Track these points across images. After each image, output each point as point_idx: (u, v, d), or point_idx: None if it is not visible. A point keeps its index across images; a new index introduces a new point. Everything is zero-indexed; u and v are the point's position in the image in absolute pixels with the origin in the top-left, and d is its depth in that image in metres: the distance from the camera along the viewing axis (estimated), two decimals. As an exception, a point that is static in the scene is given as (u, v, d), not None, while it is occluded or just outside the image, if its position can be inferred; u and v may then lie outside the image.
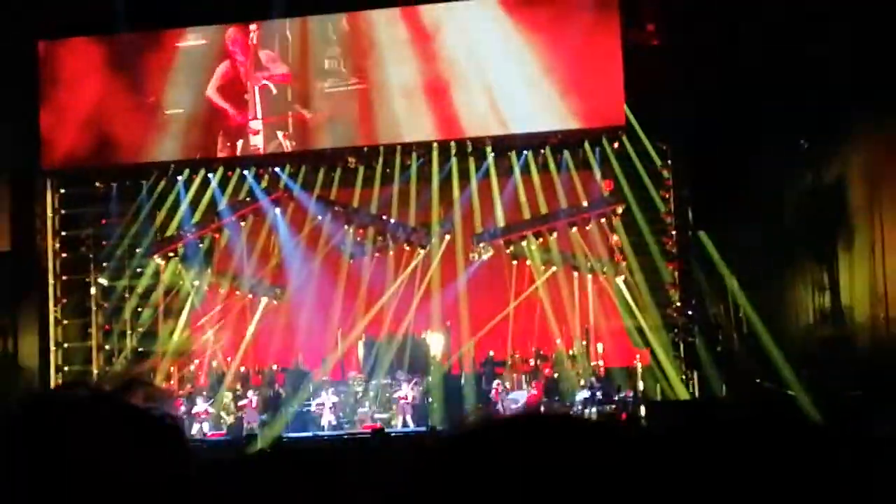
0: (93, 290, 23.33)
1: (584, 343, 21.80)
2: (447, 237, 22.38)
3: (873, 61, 17.33)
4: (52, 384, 21.57)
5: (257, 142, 22.39)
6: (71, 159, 22.65)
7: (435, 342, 22.22)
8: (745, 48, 18.95)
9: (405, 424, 20.90)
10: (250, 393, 21.67)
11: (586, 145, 21.84)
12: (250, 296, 22.88)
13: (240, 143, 22.46)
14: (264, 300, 22.87)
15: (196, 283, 22.95)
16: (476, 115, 21.62)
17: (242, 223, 22.92)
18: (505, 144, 22.17)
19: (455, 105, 21.63)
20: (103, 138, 22.46)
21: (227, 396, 21.96)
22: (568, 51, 21.20)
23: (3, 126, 21.47)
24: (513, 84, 21.41)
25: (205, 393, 21.90)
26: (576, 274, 22.07)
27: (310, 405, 21.59)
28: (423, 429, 20.15)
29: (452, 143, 22.21)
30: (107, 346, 23.13)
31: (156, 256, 22.92)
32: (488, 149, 22.21)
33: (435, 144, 22.20)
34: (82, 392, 1.31)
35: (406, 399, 21.22)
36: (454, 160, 22.34)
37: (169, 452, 1.30)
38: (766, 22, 18.72)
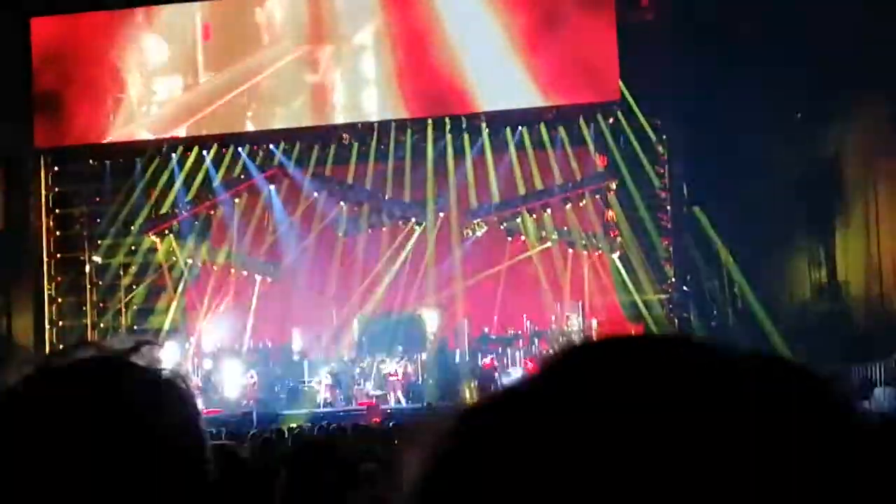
0: (87, 268, 23.31)
1: (579, 318, 21.81)
2: (441, 214, 22.38)
3: (871, 36, 17.29)
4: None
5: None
6: (64, 137, 22.59)
7: (430, 319, 22.22)
8: (741, 22, 18.88)
9: (398, 401, 20.93)
10: (247, 371, 21.67)
11: (581, 121, 21.81)
12: (245, 273, 22.87)
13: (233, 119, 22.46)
14: (259, 277, 22.88)
15: (190, 260, 22.93)
16: (472, 91, 21.59)
17: (237, 200, 22.89)
18: (500, 120, 22.14)
19: (449, 81, 21.58)
20: (97, 115, 22.41)
21: (222, 373, 21.95)
22: (563, 26, 21.14)
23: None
24: (507, 60, 21.36)
25: (199, 370, 21.90)
26: (570, 250, 22.07)
27: (305, 382, 21.60)
28: (419, 405, 20.15)
29: (447, 120, 22.18)
30: (101, 324, 23.13)
31: (150, 234, 22.88)
32: (483, 125, 22.18)
33: (430, 121, 22.17)
34: (89, 353, 1.31)
35: (397, 376, 21.23)
36: (449, 136, 22.31)
37: (180, 412, 1.30)
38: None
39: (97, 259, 23.32)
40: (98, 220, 23.36)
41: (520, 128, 22.11)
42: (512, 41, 21.36)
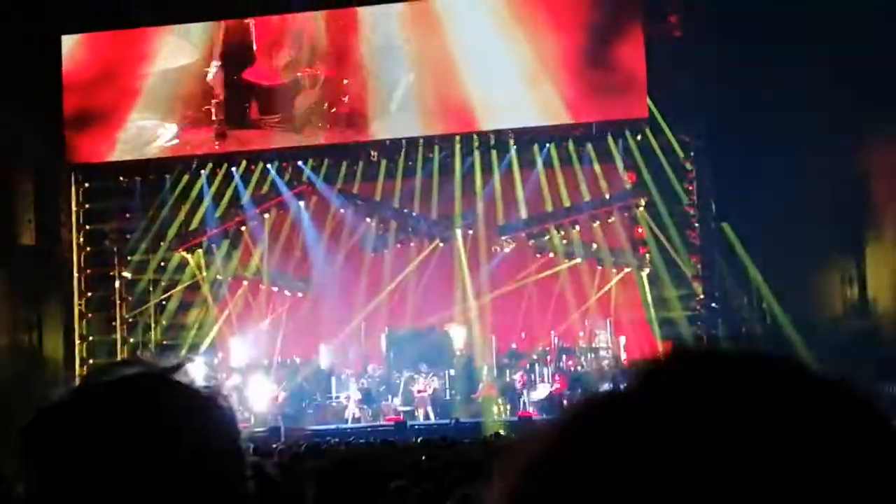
0: (117, 284, 23.44)
1: (607, 335, 21.75)
2: (470, 231, 22.39)
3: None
4: (77, 377, 21.68)
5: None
6: (95, 153, 22.75)
7: (457, 335, 22.21)
8: (769, 38, 18.82)
9: (426, 417, 20.91)
10: (275, 387, 21.71)
11: (609, 138, 21.79)
12: (274, 289, 22.94)
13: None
14: (287, 293, 22.94)
15: (219, 276, 23.02)
16: (500, 108, 21.59)
17: (266, 216, 22.98)
18: (528, 137, 22.14)
19: (476, 98, 21.59)
20: (127, 132, 22.55)
21: (250, 389, 21.98)
22: (590, 43, 21.15)
23: (28, 121, 21.55)
24: (536, 77, 21.37)
25: (229, 385, 21.94)
26: (599, 267, 22.03)
27: (333, 398, 21.64)
28: (446, 421, 20.14)
29: (475, 136, 22.20)
30: (131, 340, 23.24)
31: (180, 250, 23.00)
32: (511, 141, 22.19)
33: (457, 137, 22.20)
34: (133, 369, 1.33)
35: (425, 392, 21.22)
36: (476, 153, 22.33)
37: (221, 430, 1.31)
38: (789, 12, 18.59)
39: (127, 275, 23.45)
40: (128, 237, 23.51)
41: (548, 144, 22.11)
42: (540, 59, 21.37)
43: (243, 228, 23.12)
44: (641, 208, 21.71)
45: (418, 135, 22.25)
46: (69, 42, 22.66)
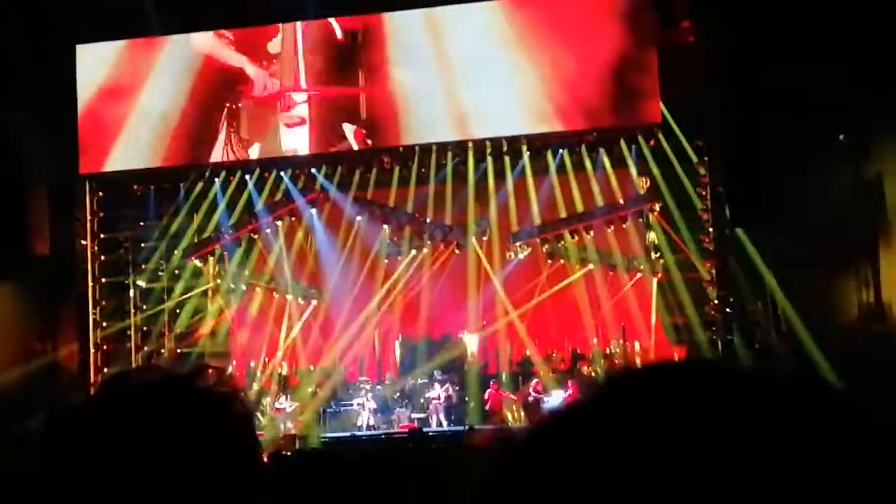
0: (131, 292, 23.49)
1: (621, 341, 21.71)
2: (484, 237, 22.37)
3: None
4: (92, 386, 21.74)
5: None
6: (109, 162, 22.80)
7: (471, 342, 22.20)
8: (783, 42, 18.80)
9: (440, 424, 20.91)
10: (284, 398, 21.73)
11: (622, 143, 21.76)
12: (288, 297, 22.95)
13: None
14: (301, 301, 22.96)
15: (233, 284, 23.05)
16: (513, 114, 21.59)
17: (279, 224, 23.00)
18: (541, 143, 22.13)
19: (488, 104, 21.60)
20: (141, 141, 22.60)
21: (263, 398, 22.02)
22: (603, 48, 21.14)
23: (42, 130, 21.64)
24: (548, 82, 21.36)
25: (243, 393, 21.94)
26: (611, 272, 21.99)
27: (347, 406, 21.65)
28: (461, 428, 20.13)
29: (487, 143, 22.20)
30: (146, 348, 23.29)
31: (193, 258, 23.04)
32: (524, 147, 22.18)
33: (470, 144, 22.19)
34: (154, 375, 1.34)
35: (439, 399, 21.22)
36: (490, 159, 22.33)
37: (238, 436, 1.32)
38: (802, 16, 18.57)
39: (141, 283, 23.50)
40: (142, 245, 23.57)
41: (560, 150, 22.09)
42: (554, 64, 21.36)
43: (256, 236, 23.15)
44: (655, 213, 21.68)
45: (432, 142, 22.25)
46: (83, 51, 22.74)
